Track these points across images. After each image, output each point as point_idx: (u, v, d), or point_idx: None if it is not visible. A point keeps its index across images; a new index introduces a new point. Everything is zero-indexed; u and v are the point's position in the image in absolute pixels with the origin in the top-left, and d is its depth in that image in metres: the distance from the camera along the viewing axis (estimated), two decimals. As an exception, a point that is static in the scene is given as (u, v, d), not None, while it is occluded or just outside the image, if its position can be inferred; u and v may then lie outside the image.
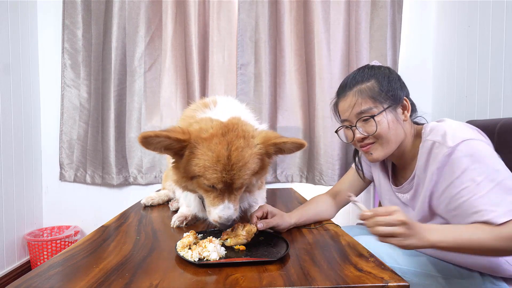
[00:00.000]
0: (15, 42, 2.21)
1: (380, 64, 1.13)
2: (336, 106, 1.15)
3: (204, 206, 1.08)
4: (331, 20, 2.27)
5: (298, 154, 2.39)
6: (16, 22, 2.22)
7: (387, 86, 1.03)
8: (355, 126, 1.05)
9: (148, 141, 0.84)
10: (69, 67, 2.36)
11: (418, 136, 1.06)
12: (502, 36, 1.77)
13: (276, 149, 0.95)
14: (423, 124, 1.10)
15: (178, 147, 0.88)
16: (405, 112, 1.06)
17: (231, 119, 0.94)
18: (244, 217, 1.19)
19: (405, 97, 1.06)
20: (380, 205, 2.06)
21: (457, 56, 2.16)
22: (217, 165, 0.86)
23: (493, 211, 0.81)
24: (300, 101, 2.38)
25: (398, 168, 1.16)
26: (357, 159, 1.30)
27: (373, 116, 1.01)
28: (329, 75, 2.27)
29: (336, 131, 1.16)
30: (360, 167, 1.29)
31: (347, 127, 1.10)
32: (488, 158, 0.88)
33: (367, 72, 1.07)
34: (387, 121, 1.01)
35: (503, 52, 1.76)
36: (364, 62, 2.26)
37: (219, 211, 0.90)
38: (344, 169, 2.31)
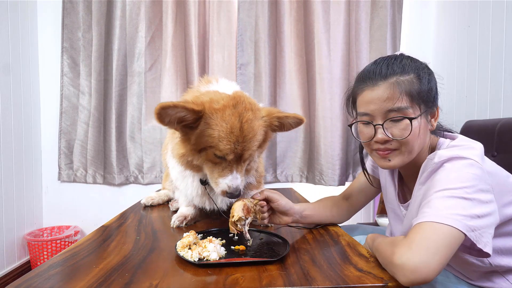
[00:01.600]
0: (15, 42, 2.21)
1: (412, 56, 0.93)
2: (354, 94, 0.95)
3: (205, 188, 1.08)
4: (331, 20, 2.27)
5: (298, 154, 2.39)
6: (16, 22, 2.22)
7: (427, 85, 0.87)
8: (382, 125, 0.86)
9: (166, 112, 0.83)
10: (68, 67, 2.36)
11: (432, 149, 0.94)
12: (502, 36, 1.77)
13: (278, 123, 0.98)
14: (449, 133, 0.98)
15: (192, 119, 0.88)
16: (432, 120, 0.91)
17: (235, 92, 0.97)
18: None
19: (437, 103, 0.92)
20: (379, 209, 2.06)
21: (457, 56, 2.16)
22: (230, 136, 0.88)
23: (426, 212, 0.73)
24: (300, 101, 2.38)
25: (406, 180, 1.04)
26: (366, 165, 1.17)
27: (411, 119, 0.84)
28: (329, 75, 2.27)
29: (350, 125, 0.98)
30: (368, 175, 1.15)
31: (367, 123, 0.90)
32: (462, 178, 0.77)
33: (406, 62, 0.88)
34: (419, 127, 0.86)
35: (503, 52, 1.76)
36: (364, 62, 2.26)
37: (228, 181, 0.92)
38: (345, 169, 2.31)
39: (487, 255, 0.74)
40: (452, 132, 1.00)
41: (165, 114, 0.84)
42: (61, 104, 2.38)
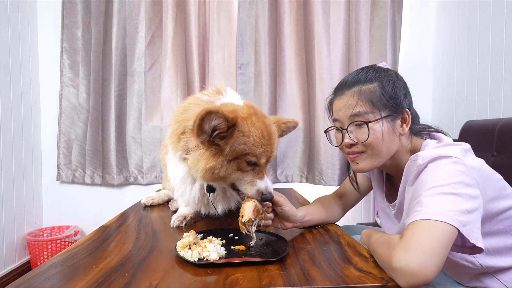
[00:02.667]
0: (15, 42, 2.21)
1: (388, 67, 1.01)
2: (331, 103, 1.04)
3: (209, 196, 1.10)
4: (331, 20, 2.27)
5: (298, 154, 2.39)
6: (16, 22, 2.22)
7: (390, 92, 0.92)
8: (346, 129, 0.94)
9: (209, 117, 0.87)
10: (68, 67, 2.36)
11: (415, 151, 0.96)
12: (502, 36, 1.77)
13: (284, 127, 1.13)
14: (433, 131, 1.00)
15: (225, 127, 0.91)
16: (404, 125, 0.95)
17: (245, 103, 1.05)
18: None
19: (407, 109, 0.95)
20: (378, 209, 2.06)
21: (457, 56, 2.16)
22: (262, 140, 0.95)
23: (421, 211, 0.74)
24: (300, 101, 2.38)
25: (395, 180, 1.07)
26: (351, 170, 1.19)
27: (367, 123, 0.90)
28: (329, 75, 2.27)
29: (326, 131, 1.06)
30: (354, 179, 1.19)
31: (337, 128, 0.99)
32: (448, 175, 0.79)
33: (371, 73, 0.96)
34: (382, 131, 0.91)
35: (503, 52, 1.76)
36: (364, 62, 2.26)
37: (265, 183, 0.97)
38: (344, 169, 2.31)
39: (479, 250, 0.75)
40: (444, 134, 1.00)
41: (207, 119, 0.87)
42: (61, 104, 2.38)
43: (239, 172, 0.96)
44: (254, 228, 0.90)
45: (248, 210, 0.90)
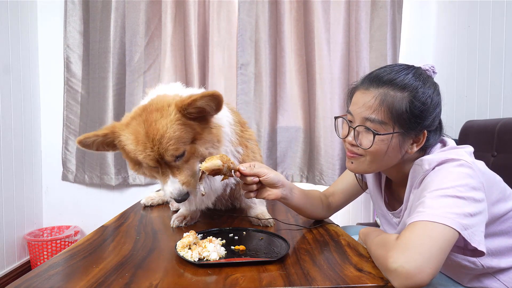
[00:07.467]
0: (15, 42, 2.21)
1: (432, 74, 0.92)
2: (353, 91, 0.96)
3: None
4: (331, 20, 2.27)
5: (298, 154, 2.39)
6: (16, 22, 2.22)
7: (417, 109, 0.84)
8: (354, 128, 0.90)
9: (83, 143, 0.92)
10: (68, 66, 2.37)
11: (420, 156, 0.93)
12: (502, 36, 1.77)
13: (193, 109, 0.89)
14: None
15: (111, 141, 0.94)
16: (414, 145, 0.89)
17: (153, 98, 0.98)
18: (244, 217, 1.19)
19: (425, 131, 0.87)
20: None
21: (457, 56, 2.16)
22: (138, 145, 0.89)
23: (422, 212, 0.73)
24: (300, 101, 2.38)
25: (395, 187, 1.05)
26: None
27: (376, 134, 0.85)
28: (329, 75, 2.27)
29: (336, 118, 1.00)
30: (361, 175, 1.16)
31: (347, 121, 0.94)
32: (454, 178, 0.78)
33: (409, 78, 0.86)
34: (388, 145, 0.86)
35: (503, 52, 1.76)
36: (364, 62, 2.26)
37: (168, 187, 0.92)
38: (344, 169, 2.29)
39: (481, 253, 0.74)
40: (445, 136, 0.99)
41: (85, 145, 0.92)
42: (64, 104, 2.38)
43: (154, 172, 0.96)
44: (201, 181, 0.93)
45: (211, 163, 0.87)
